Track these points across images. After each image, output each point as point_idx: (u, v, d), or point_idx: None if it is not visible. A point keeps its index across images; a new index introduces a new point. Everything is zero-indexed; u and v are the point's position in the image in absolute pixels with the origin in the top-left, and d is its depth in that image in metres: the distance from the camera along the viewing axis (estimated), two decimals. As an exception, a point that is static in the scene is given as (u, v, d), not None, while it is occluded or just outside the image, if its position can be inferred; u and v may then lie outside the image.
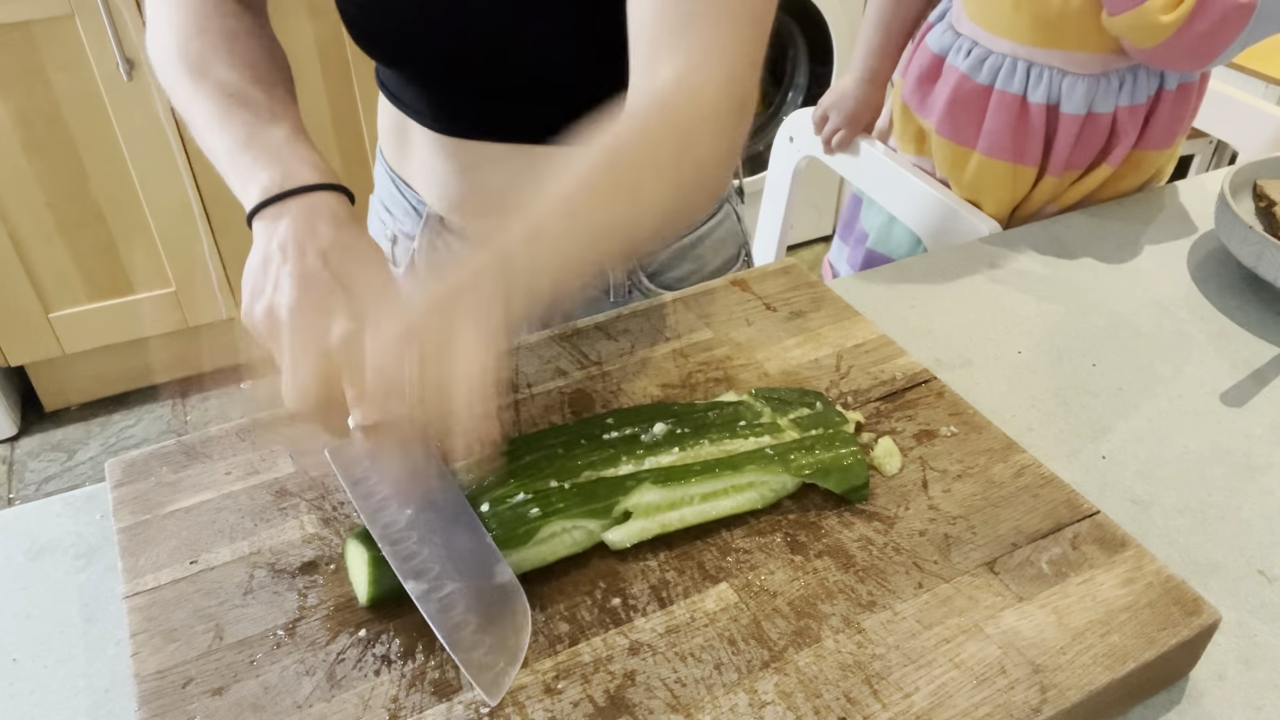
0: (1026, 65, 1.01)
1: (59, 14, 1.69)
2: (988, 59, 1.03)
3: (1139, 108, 1.01)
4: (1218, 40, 0.89)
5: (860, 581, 0.53)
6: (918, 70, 1.12)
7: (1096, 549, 0.54)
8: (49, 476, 2.04)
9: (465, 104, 0.75)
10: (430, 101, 0.76)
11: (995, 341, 0.78)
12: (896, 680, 0.48)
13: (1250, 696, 0.52)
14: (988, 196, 1.08)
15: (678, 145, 0.55)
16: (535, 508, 0.53)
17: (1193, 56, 0.92)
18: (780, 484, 0.56)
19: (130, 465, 0.60)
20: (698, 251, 0.86)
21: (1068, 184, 1.06)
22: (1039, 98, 1.01)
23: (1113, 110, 1.01)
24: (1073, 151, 1.03)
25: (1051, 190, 1.06)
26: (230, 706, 0.46)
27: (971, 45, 1.04)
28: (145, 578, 0.53)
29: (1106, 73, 0.99)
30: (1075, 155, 1.03)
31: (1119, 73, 0.99)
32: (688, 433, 0.58)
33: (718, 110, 0.56)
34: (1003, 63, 1.02)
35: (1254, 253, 0.82)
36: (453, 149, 0.77)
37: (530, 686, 0.47)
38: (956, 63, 1.06)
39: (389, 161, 0.86)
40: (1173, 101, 1.02)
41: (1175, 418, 0.71)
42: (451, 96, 0.75)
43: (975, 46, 1.04)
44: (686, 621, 0.51)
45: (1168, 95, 1.02)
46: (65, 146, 1.86)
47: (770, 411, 0.60)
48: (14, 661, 0.53)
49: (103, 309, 2.06)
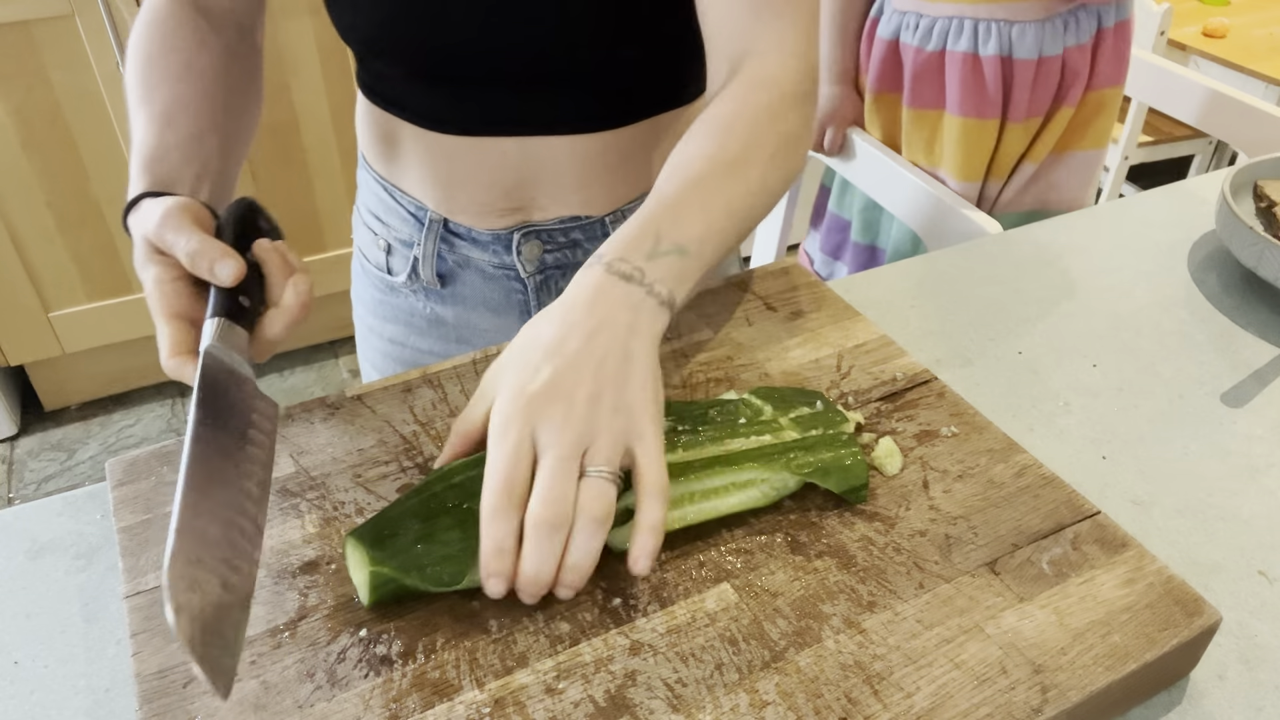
0: (974, 23, 1.06)
1: (59, 14, 1.69)
2: (935, 25, 1.08)
3: (1084, 46, 1.09)
4: None
5: (861, 582, 0.53)
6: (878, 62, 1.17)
7: (1097, 549, 0.54)
8: (49, 476, 2.04)
9: (466, 98, 0.74)
10: (427, 100, 0.76)
11: (995, 341, 0.78)
12: (897, 680, 0.48)
13: (1251, 697, 0.52)
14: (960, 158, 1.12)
15: (773, 122, 0.61)
16: None
17: None
18: (781, 482, 0.56)
19: (130, 465, 0.60)
20: None
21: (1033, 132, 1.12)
22: (991, 50, 1.07)
23: (1061, 52, 1.08)
24: (1031, 96, 1.09)
25: (1019, 140, 1.11)
26: (231, 706, 0.46)
27: (917, 19, 1.11)
28: (146, 577, 0.53)
29: (1050, 17, 1.06)
30: (1034, 100, 1.10)
31: (1061, 16, 1.06)
32: (688, 429, 0.58)
33: (798, 89, 0.63)
34: (950, 25, 1.07)
35: (1254, 253, 0.82)
36: (453, 147, 0.76)
37: (531, 686, 0.47)
38: (908, 40, 1.11)
39: (377, 169, 0.84)
40: (1114, 38, 1.10)
41: (1176, 418, 0.71)
42: (452, 92, 0.74)
43: (921, 18, 1.10)
44: (687, 621, 0.51)
45: (1107, 33, 1.09)
46: (65, 146, 1.87)
47: (771, 410, 0.60)
48: (15, 663, 0.53)
49: (103, 309, 2.06)
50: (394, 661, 0.49)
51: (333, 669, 0.48)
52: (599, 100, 0.75)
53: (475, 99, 0.74)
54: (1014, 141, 1.11)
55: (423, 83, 0.75)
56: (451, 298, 0.85)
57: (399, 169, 0.82)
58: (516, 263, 0.81)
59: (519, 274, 0.82)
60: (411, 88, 0.76)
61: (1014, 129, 1.10)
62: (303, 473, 0.59)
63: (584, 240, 0.81)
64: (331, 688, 0.47)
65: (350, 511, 0.57)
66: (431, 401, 0.65)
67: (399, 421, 0.63)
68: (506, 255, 0.81)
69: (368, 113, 0.82)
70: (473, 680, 0.48)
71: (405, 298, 0.87)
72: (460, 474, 0.53)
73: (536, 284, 0.83)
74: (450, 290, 0.85)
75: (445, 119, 0.76)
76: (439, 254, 0.83)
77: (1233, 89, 1.24)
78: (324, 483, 0.59)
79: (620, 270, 0.54)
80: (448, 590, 0.51)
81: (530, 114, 0.74)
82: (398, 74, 0.76)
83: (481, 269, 0.83)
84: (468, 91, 0.74)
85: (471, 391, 0.66)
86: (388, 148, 0.81)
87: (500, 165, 0.76)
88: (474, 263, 0.82)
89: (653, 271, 0.54)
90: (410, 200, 0.82)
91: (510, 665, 0.48)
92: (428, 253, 0.83)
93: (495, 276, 0.83)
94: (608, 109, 0.75)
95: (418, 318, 0.88)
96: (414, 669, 0.48)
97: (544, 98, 0.73)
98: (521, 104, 0.74)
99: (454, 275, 0.84)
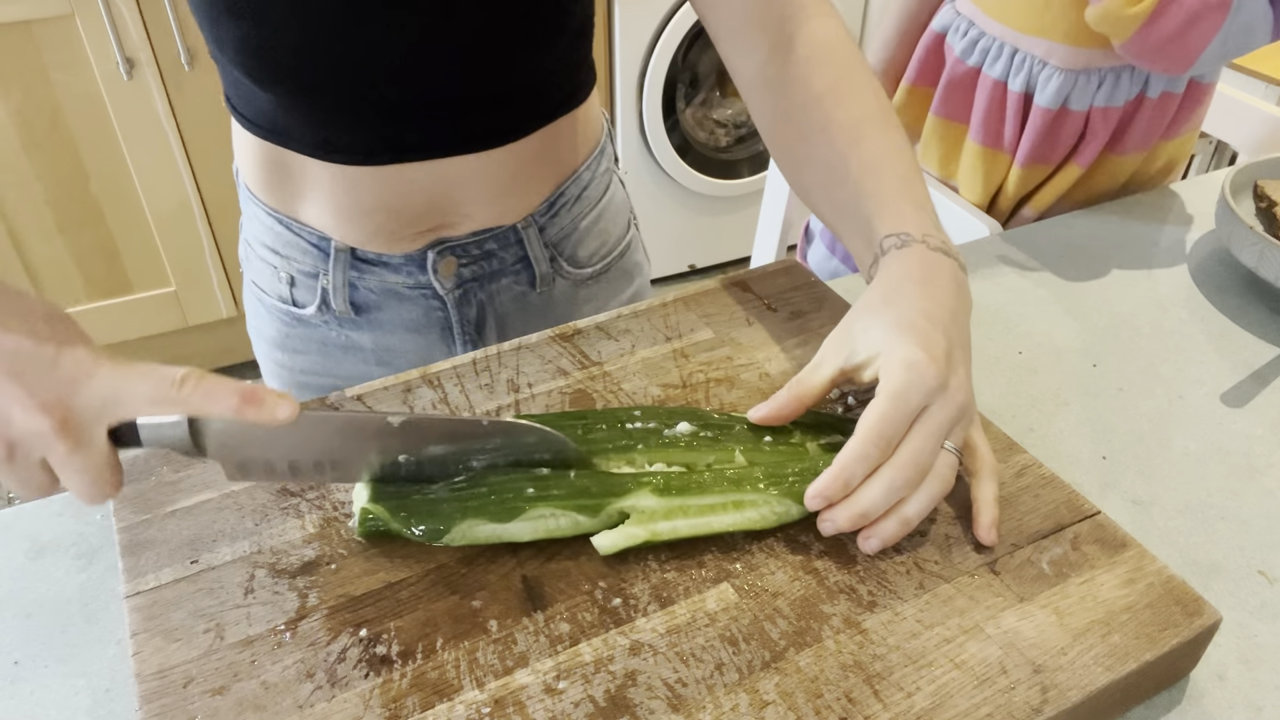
0: (1012, 50, 1.01)
1: (59, 14, 1.69)
2: (980, 41, 1.04)
3: (1114, 110, 1.01)
4: (1190, 39, 0.89)
5: (861, 582, 0.53)
6: (922, 49, 1.13)
7: (1097, 549, 0.54)
8: (49, 476, 2.04)
9: (367, 126, 0.70)
10: (321, 130, 0.70)
11: (995, 341, 0.78)
12: (897, 680, 0.48)
13: (1251, 697, 0.52)
14: (968, 180, 1.09)
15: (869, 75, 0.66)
16: (531, 488, 0.53)
17: (1165, 56, 0.91)
18: (785, 509, 0.55)
19: (131, 465, 0.60)
20: (600, 226, 0.86)
21: (1036, 181, 1.07)
22: (1018, 85, 1.01)
23: (1087, 109, 1.00)
24: (1039, 145, 1.03)
25: (1020, 183, 1.06)
26: (231, 706, 0.46)
27: (968, 26, 1.05)
28: (146, 577, 0.53)
29: (1087, 70, 0.99)
30: (1041, 149, 1.03)
31: (1100, 72, 0.99)
32: (710, 437, 0.58)
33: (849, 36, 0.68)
34: (991, 45, 1.02)
35: (1255, 253, 0.82)
36: (355, 177, 0.72)
37: (531, 686, 0.47)
38: (954, 42, 1.07)
39: (265, 201, 0.77)
40: (1152, 109, 1.02)
41: (1176, 418, 0.71)
42: (350, 120, 0.70)
43: (971, 27, 1.05)
44: (687, 622, 0.51)
45: (1149, 103, 1.01)
46: (65, 146, 1.87)
47: (800, 433, 0.60)
48: (15, 663, 0.53)
49: (102, 309, 2.06)
50: (394, 661, 0.49)
51: (333, 669, 0.48)
52: (508, 114, 0.73)
53: (377, 126, 0.70)
54: (1017, 183, 1.06)
55: (315, 112, 0.70)
56: (368, 324, 0.81)
57: (293, 200, 0.76)
58: (433, 281, 0.78)
59: (436, 291, 0.79)
60: (299, 118, 0.70)
61: (1016, 171, 1.05)
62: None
63: (498, 249, 0.79)
64: (331, 688, 0.47)
65: (350, 511, 0.57)
66: (432, 402, 0.65)
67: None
68: (421, 275, 0.78)
69: (248, 143, 0.76)
70: (473, 680, 0.48)
71: (316, 328, 0.82)
72: None
73: (456, 299, 0.79)
74: (366, 317, 0.81)
75: (344, 148, 0.71)
76: (350, 283, 0.78)
77: (1233, 89, 1.23)
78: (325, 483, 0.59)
79: (939, 248, 0.59)
80: (426, 543, 0.54)
81: (437, 137, 0.71)
82: (282, 102, 0.70)
83: (397, 291, 0.79)
84: (368, 119, 0.70)
85: (471, 391, 0.66)
86: (277, 178, 0.75)
87: (409, 191, 0.73)
88: (388, 287, 0.79)
89: (951, 246, 0.60)
90: (310, 231, 0.76)
91: (510, 665, 0.48)
92: (337, 283, 0.78)
93: (412, 297, 0.79)
94: (515, 121, 0.73)
95: (331, 346, 0.83)
96: (414, 669, 0.48)
97: (452, 119, 0.71)
98: (428, 127, 0.70)
99: (368, 302, 0.79)
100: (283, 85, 0.68)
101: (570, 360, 0.69)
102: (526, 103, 0.74)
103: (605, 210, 0.86)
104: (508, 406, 0.65)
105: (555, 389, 0.66)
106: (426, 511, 0.53)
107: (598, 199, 0.85)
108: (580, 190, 0.82)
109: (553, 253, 0.82)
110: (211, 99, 1.89)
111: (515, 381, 0.67)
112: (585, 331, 0.72)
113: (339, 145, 0.71)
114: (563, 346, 0.70)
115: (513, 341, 0.70)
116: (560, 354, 0.69)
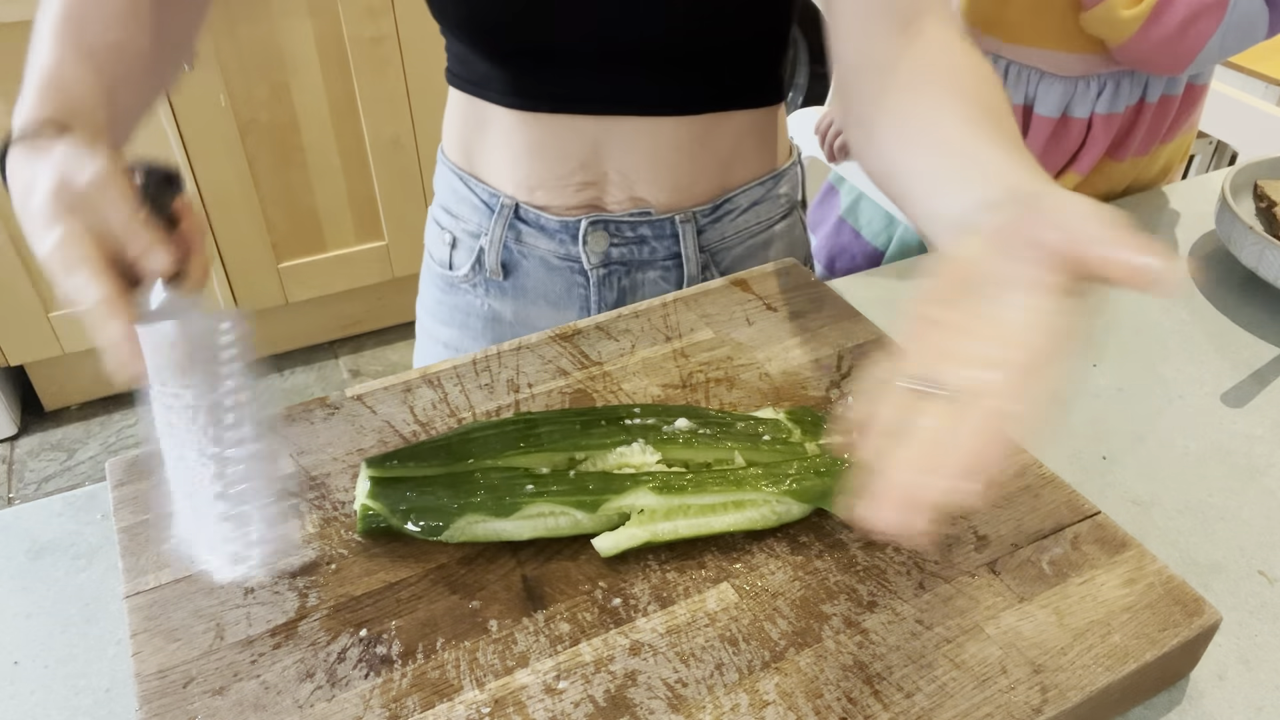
0: (1006, 64, 1.00)
1: None
2: None
3: (1115, 116, 1.00)
4: (1188, 41, 0.89)
5: (861, 582, 0.53)
6: None
7: (1097, 549, 0.54)
8: (49, 476, 2.04)
9: (554, 77, 0.75)
10: (516, 78, 0.77)
11: (996, 342, 0.78)
12: (897, 680, 0.48)
13: (1250, 697, 0.52)
14: None
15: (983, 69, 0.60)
16: (530, 484, 0.53)
17: (1167, 56, 0.91)
18: (785, 509, 0.55)
19: (131, 465, 0.60)
20: (769, 253, 0.86)
21: None
22: (1016, 99, 1.01)
23: (1088, 116, 1.00)
24: (1042, 155, 1.02)
25: None
26: (231, 706, 0.46)
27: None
28: (146, 577, 0.53)
29: (1086, 76, 0.98)
30: (1044, 159, 1.02)
31: (1100, 78, 0.98)
32: (709, 434, 0.58)
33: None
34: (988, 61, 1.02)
35: (1255, 253, 0.82)
36: (534, 123, 0.77)
37: (531, 686, 0.47)
38: None
39: (455, 161, 0.86)
40: (1152, 114, 1.01)
41: (1176, 418, 0.71)
42: (540, 71, 0.75)
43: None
44: (687, 622, 0.51)
45: (1148, 108, 1.01)
46: (65, 146, 1.86)
47: (800, 433, 0.60)
48: (15, 663, 0.53)
49: (103, 309, 2.05)
50: (394, 661, 0.49)
51: (333, 669, 0.48)
52: (682, 85, 0.76)
53: (561, 77, 0.75)
54: None
55: (513, 62, 0.76)
56: (512, 290, 0.86)
57: (478, 154, 0.83)
58: (582, 253, 0.81)
59: (583, 266, 0.82)
60: (500, 68, 0.77)
61: None
62: (303, 473, 0.59)
63: (651, 237, 0.81)
64: (331, 688, 0.47)
65: (350, 511, 0.57)
66: (431, 402, 0.65)
67: (399, 421, 0.63)
68: (572, 245, 0.81)
69: (454, 105, 0.84)
70: (473, 680, 0.48)
71: (464, 295, 0.88)
72: (479, 432, 0.57)
73: (599, 277, 0.83)
74: (512, 282, 0.86)
75: (531, 95, 0.76)
76: (505, 243, 0.84)
77: (1232, 89, 1.24)
78: (324, 483, 0.59)
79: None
80: (425, 541, 0.54)
81: (612, 93, 0.75)
82: (489, 54, 0.77)
83: (545, 259, 0.83)
84: (555, 70, 0.75)
85: (471, 391, 0.66)
86: (470, 134, 0.83)
87: (577, 140, 0.77)
88: (539, 253, 0.83)
89: None
90: (484, 188, 0.83)
91: (510, 665, 0.48)
92: (495, 239, 0.84)
93: (559, 268, 0.83)
94: (688, 95, 0.76)
95: (474, 317, 0.89)
96: (414, 669, 0.48)
97: (629, 78, 0.75)
98: (605, 83, 0.75)
99: (517, 265, 0.85)
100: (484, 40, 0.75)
101: (570, 360, 0.69)
102: (706, 78, 0.76)
103: (776, 238, 0.86)
104: (508, 406, 0.65)
105: (555, 389, 0.66)
106: (425, 508, 0.53)
107: (770, 223, 0.85)
108: (751, 203, 0.84)
109: (708, 259, 0.83)
110: (211, 100, 1.89)
111: (515, 381, 0.67)
112: (585, 331, 0.72)
113: (523, 92, 0.77)
114: (563, 346, 0.70)
115: (513, 341, 0.70)
116: (560, 354, 0.69)
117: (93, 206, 0.49)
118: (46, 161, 0.50)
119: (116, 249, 0.49)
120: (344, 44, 1.94)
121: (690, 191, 0.80)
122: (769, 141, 0.84)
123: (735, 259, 0.84)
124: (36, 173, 0.50)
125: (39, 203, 0.48)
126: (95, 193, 0.49)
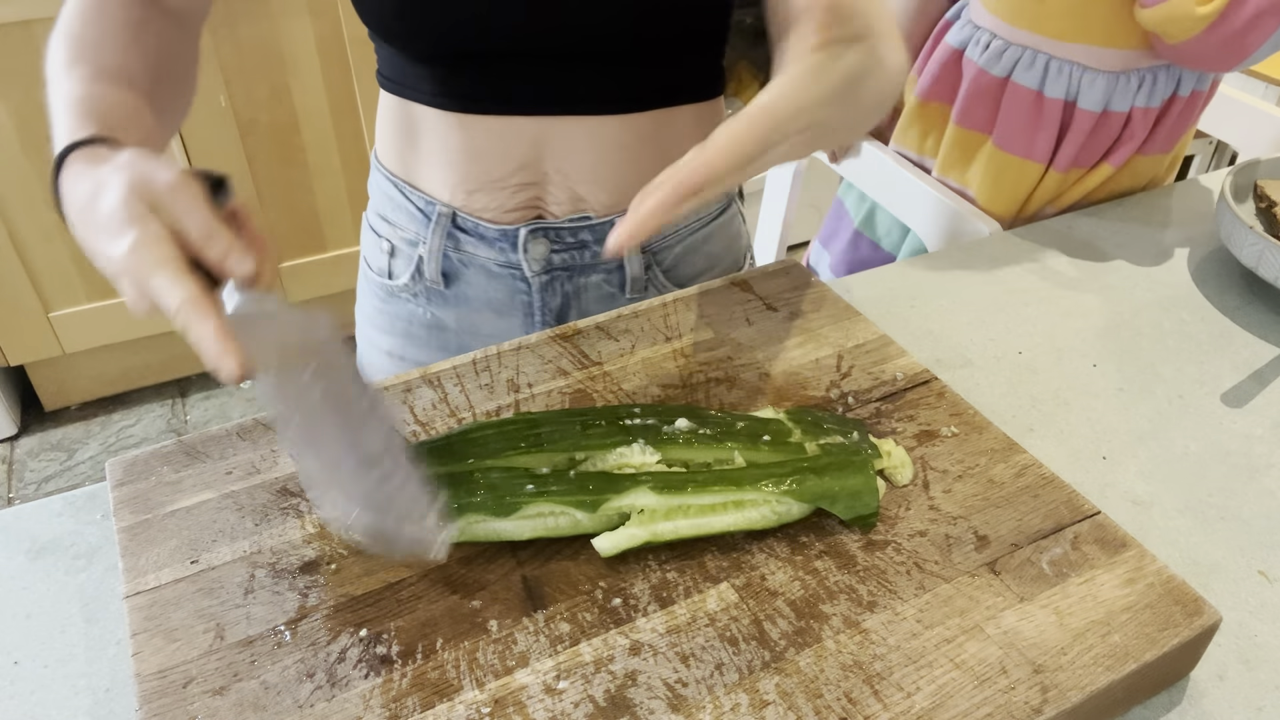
0: (1046, 59, 1.00)
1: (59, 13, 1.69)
2: (1006, 51, 1.02)
3: (1152, 110, 1.01)
4: (1250, 39, 0.88)
5: (861, 582, 0.53)
6: (937, 66, 1.12)
7: (1097, 549, 0.54)
8: (49, 476, 2.04)
9: (489, 77, 0.74)
10: (448, 80, 0.76)
11: (995, 341, 0.78)
12: (897, 680, 0.48)
13: (1250, 697, 0.52)
14: (990, 190, 1.07)
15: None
16: (530, 484, 0.53)
17: (1224, 54, 0.91)
18: (785, 509, 0.55)
19: (131, 465, 0.60)
20: (709, 248, 0.86)
21: (1070, 183, 1.06)
22: (1057, 93, 1.00)
23: (1128, 110, 1.00)
24: (1081, 149, 1.02)
25: (1055, 188, 1.06)
26: (231, 706, 0.46)
27: (990, 38, 1.04)
28: (146, 577, 0.53)
29: (1126, 71, 0.98)
30: (1083, 153, 1.03)
31: (1139, 73, 0.99)
32: (709, 434, 0.58)
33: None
34: (1021, 55, 1.01)
35: (1255, 253, 0.82)
36: (470, 126, 0.76)
37: (531, 686, 0.47)
38: (974, 56, 1.05)
39: (390, 168, 0.85)
40: (1182, 107, 1.02)
41: (1176, 418, 0.71)
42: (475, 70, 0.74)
43: (994, 39, 1.04)
44: (687, 621, 0.51)
45: (1179, 101, 1.01)
46: (65, 146, 1.86)
47: (800, 432, 0.60)
48: (15, 663, 0.53)
49: (103, 309, 2.06)
50: (394, 661, 0.49)
51: (333, 669, 0.48)
52: (619, 84, 0.75)
53: (498, 77, 0.74)
54: (1048, 189, 1.05)
55: (446, 63, 0.75)
56: (454, 299, 0.85)
57: (413, 159, 0.81)
58: (522, 261, 0.81)
59: (524, 273, 0.82)
60: (432, 69, 0.76)
61: (1054, 176, 1.04)
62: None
63: (592, 242, 0.81)
64: (331, 688, 0.47)
65: (350, 511, 0.57)
66: (431, 402, 0.65)
67: (399, 422, 0.63)
68: (512, 253, 0.81)
69: (386, 109, 0.83)
70: (473, 680, 0.48)
71: (404, 304, 0.87)
72: (479, 432, 0.57)
73: (542, 284, 0.82)
74: (453, 290, 0.85)
75: (466, 96, 0.76)
76: (444, 251, 0.83)
77: (1232, 89, 1.23)
78: (324, 483, 0.59)
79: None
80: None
81: (551, 93, 0.74)
82: (420, 56, 0.76)
83: (486, 267, 0.82)
84: (491, 70, 0.74)
85: (471, 391, 0.66)
86: (404, 139, 0.81)
87: (516, 142, 0.76)
88: (479, 261, 0.82)
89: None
90: (420, 196, 0.82)
91: (510, 665, 0.48)
92: (434, 249, 0.82)
93: (500, 275, 0.82)
94: (626, 93, 0.76)
95: (416, 325, 0.88)
96: (414, 669, 0.48)
97: (568, 77, 0.74)
98: (544, 82, 0.74)
99: (458, 274, 0.84)
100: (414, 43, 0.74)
101: (570, 360, 0.69)
102: (648, 73, 0.75)
103: (716, 233, 0.86)
104: (508, 406, 0.65)
105: (555, 389, 0.66)
106: None
107: (710, 218, 0.85)
108: None
109: (649, 260, 0.83)
110: (211, 100, 1.89)
111: (515, 381, 0.67)
112: (585, 331, 0.72)
113: (458, 93, 0.75)
114: (563, 346, 0.70)
115: (513, 341, 0.70)
116: (560, 354, 0.69)
117: (170, 208, 0.49)
118: (112, 167, 0.50)
119: (194, 251, 0.49)
120: (344, 44, 1.94)
121: (631, 191, 0.78)
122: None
123: (676, 257, 0.84)
124: (102, 178, 0.50)
125: (111, 206, 0.48)
126: (173, 195, 0.49)
